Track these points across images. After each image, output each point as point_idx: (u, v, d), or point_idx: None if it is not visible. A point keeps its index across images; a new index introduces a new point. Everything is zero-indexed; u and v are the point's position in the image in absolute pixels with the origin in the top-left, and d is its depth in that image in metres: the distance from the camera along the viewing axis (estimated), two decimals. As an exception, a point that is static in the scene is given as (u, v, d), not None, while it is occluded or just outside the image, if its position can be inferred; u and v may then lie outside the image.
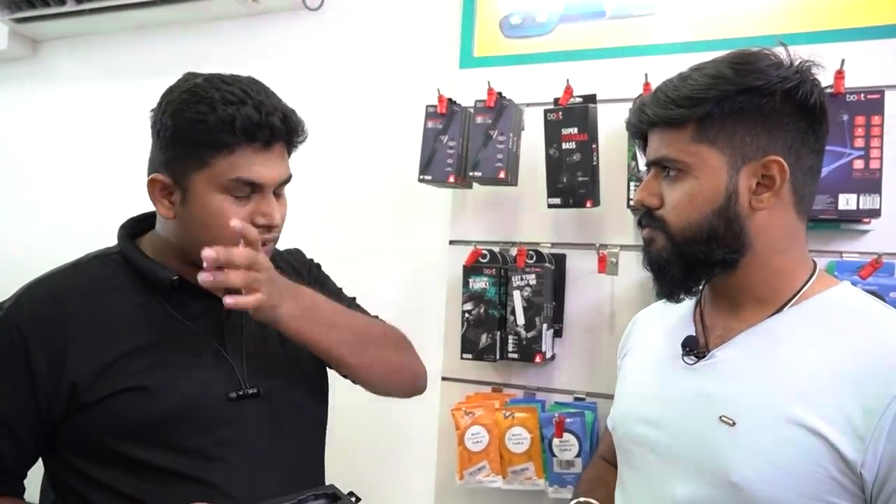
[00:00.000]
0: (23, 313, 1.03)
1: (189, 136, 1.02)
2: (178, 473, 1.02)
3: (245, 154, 1.02)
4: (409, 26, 2.11)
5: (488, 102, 1.74)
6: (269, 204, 1.06)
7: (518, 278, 1.74)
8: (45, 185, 2.66)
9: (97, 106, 2.57)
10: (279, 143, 1.06)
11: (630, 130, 1.02)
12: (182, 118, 1.02)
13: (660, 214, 0.96)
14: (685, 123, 0.92)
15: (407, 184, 1.89)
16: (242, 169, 1.02)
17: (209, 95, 1.02)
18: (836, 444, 0.82)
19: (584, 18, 1.82)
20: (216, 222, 1.03)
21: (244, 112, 1.01)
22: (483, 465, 1.71)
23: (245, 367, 1.10)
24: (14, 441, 1.02)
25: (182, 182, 1.04)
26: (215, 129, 1.00)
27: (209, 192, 1.03)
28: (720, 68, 0.91)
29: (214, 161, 1.02)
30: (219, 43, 2.34)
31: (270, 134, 1.03)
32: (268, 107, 1.03)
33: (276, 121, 1.03)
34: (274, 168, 1.06)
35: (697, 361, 0.97)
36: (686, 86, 0.92)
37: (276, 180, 1.06)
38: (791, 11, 1.63)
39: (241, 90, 1.03)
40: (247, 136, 1.01)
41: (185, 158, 1.03)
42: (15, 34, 2.62)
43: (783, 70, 0.90)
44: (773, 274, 0.94)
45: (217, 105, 1.01)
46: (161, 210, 1.08)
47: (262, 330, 1.16)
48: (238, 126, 1.00)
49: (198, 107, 1.01)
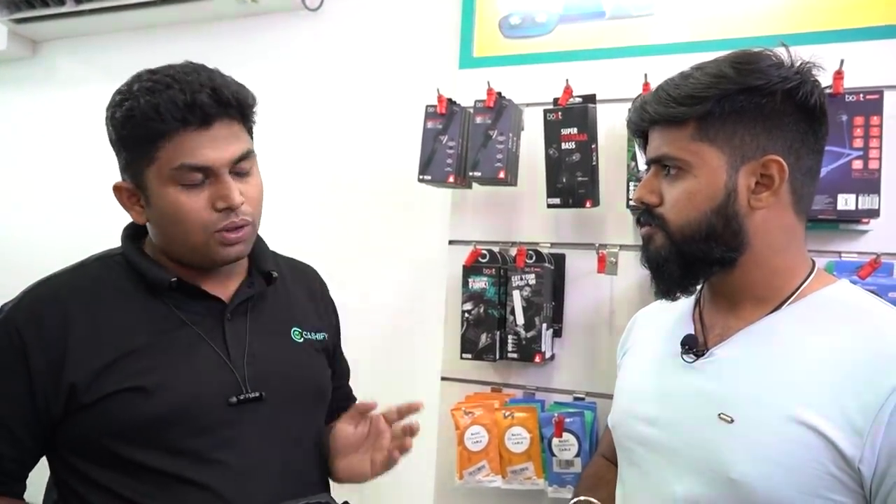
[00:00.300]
0: (22, 315, 1.03)
1: (127, 136, 1.02)
2: (175, 476, 1.02)
3: (183, 139, 0.99)
4: (409, 26, 2.11)
5: (488, 102, 1.74)
6: (225, 186, 1.02)
7: (518, 278, 1.74)
8: (45, 185, 2.66)
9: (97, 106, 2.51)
10: (220, 120, 1.02)
11: (631, 128, 1.03)
12: (116, 121, 1.02)
13: (659, 212, 0.97)
14: (686, 122, 0.92)
15: (407, 184, 1.90)
16: (184, 154, 1.00)
17: (133, 91, 1.01)
18: (834, 440, 0.82)
19: (583, 19, 1.83)
20: (179, 217, 1.02)
21: (167, 96, 0.98)
22: (483, 465, 1.71)
23: (247, 370, 1.10)
24: (13, 442, 1.02)
25: (140, 183, 1.04)
26: (144, 121, 0.99)
27: (163, 187, 1.02)
28: (721, 67, 0.92)
29: (156, 153, 1.00)
30: (218, 43, 2.34)
31: (203, 112, 0.99)
32: (194, 85, 0.99)
33: (204, 97, 0.99)
34: (219, 147, 1.01)
35: (696, 360, 0.97)
36: (687, 84, 0.93)
37: (225, 160, 1.02)
38: (790, 12, 1.63)
39: (165, 76, 1.01)
40: (177, 120, 0.98)
41: (134, 158, 1.03)
42: (14, 34, 2.62)
43: (784, 70, 0.91)
44: (771, 272, 0.95)
45: (140, 97, 0.99)
46: (134, 216, 1.09)
47: (266, 332, 1.15)
48: (163, 112, 0.98)
49: (126, 104, 1.00)
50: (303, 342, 1.20)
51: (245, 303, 1.15)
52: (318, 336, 1.23)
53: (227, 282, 1.15)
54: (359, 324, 1.99)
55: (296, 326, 1.21)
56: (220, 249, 1.06)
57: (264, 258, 1.20)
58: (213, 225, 1.03)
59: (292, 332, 1.20)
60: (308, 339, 1.21)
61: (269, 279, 1.18)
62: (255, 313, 1.16)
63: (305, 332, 1.21)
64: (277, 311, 1.20)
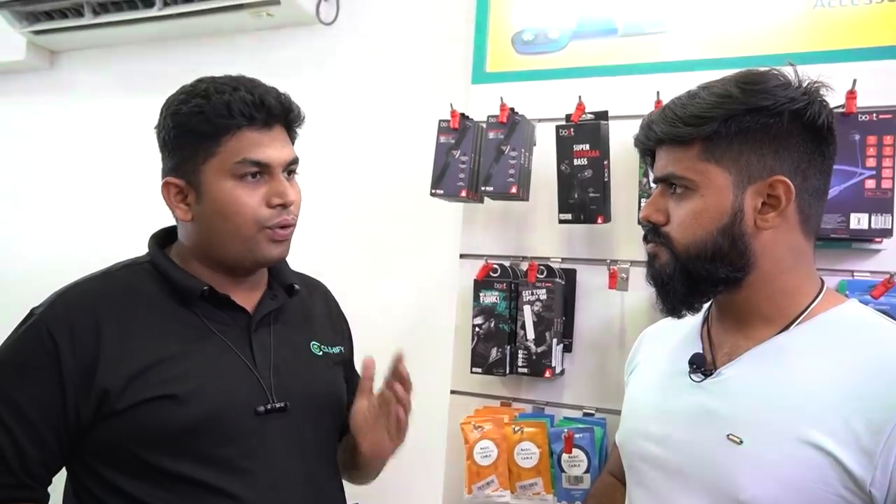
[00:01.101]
0: (55, 318, 1.04)
1: (191, 130, 1.06)
2: (203, 484, 1.03)
3: (247, 136, 1.06)
4: (422, 41, 2.12)
5: (501, 118, 1.75)
6: (280, 183, 1.09)
7: (528, 293, 1.74)
8: (62, 195, 2.68)
9: (114, 117, 2.59)
10: (278, 124, 1.10)
11: (638, 147, 1.03)
12: (182, 115, 1.07)
13: (665, 231, 0.97)
14: (692, 141, 0.93)
15: (419, 198, 1.90)
16: (247, 150, 1.06)
17: (203, 89, 1.07)
18: (845, 462, 0.82)
19: (596, 35, 1.83)
20: (233, 209, 1.07)
21: (238, 96, 1.05)
22: (491, 480, 1.71)
23: (272, 380, 1.11)
24: (41, 445, 1.02)
25: (194, 180, 1.07)
26: (214, 116, 1.04)
27: (221, 181, 1.06)
28: (728, 87, 0.92)
29: (219, 148, 1.06)
30: (233, 56, 2.36)
31: (268, 114, 1.07)
32: (261, 89, 1.09)
33: (271, 100, 1.08)
34: (278, 148, 1.09)
35: (704, 379, 0.97)
36: (694, 104, 0.93)
37: (282, 160, 1.09)
38: (803, 30, 1.63)
39: (231, 79, 1.09)
40: (245, 118, 1.05)
41: (192, 154, 1.07)
42: (33, 45, 2.65)
43: (791, 90, 0.91)
44: (779, 292, 0.95)
45: (211, 95, 1.05)
46: (179, 214, 1.11)
47: (288, 344, 1.17)
48: (235, 109, 1.04)
49: (194, 101, 1.06)
50: (322, 355, 1.22)
51: (268, 315, 1.16)
52: (335, 349, 1.26)
53: (251, 293, 1.17)
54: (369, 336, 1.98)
55: (315, 340, 1.23)
56: (267, 247, 1.10)
57: (285, 271, 1.22)
58: (265, 220, 1.08)
59: (311, 345, 1.22)
60: (326, 353, 1.24)
61: (291, 291, 1.19)
62: (277, 325, 1.18)
63: (324, 346, 1.24)
64: (298, 323, 1.22)
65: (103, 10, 2.38)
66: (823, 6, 1.62)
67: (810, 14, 1.63)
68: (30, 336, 1.04)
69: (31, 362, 1.02)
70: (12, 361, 1.04)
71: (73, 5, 2.39)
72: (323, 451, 1.18)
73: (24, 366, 1.03)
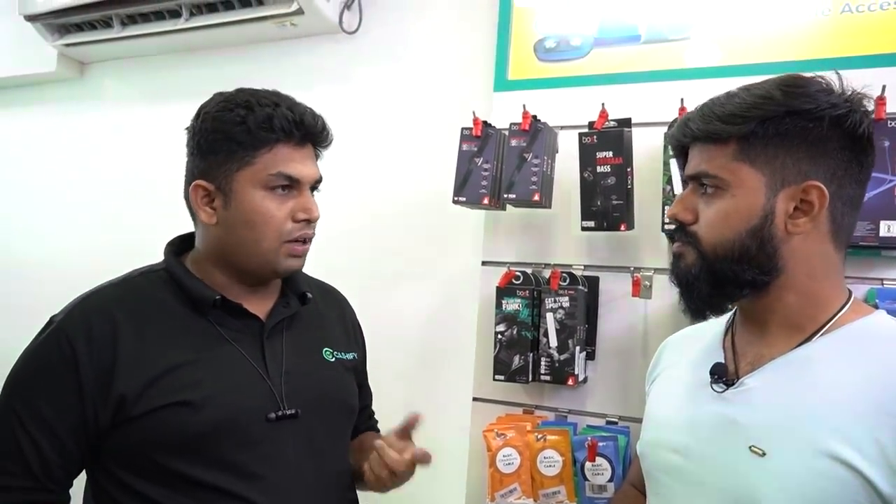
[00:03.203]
0: (73, 326, 1.07)
1: (231, 138, 1.09)
2: (218, 489, 1.04)
3: (283, 151, 1.10)
4: (445, 50, 2.14)
5: (523, 125, 1.75)
6: (308, 199, 1.14)
7: (551, 300, 1.73)
8: (92, 201, 2.73)
9: (141, 125, 2.63)
10: (310, 143, 1.15)
11: (672, 144, 1.03)
12: (223, 122, 1.09)
13: (692, 230, 0.96)
14: (728, 140, 0.92)
15: (441, 205, 1.91)
16: (282, 164, 1.10)
17: (246, 100, 1.10)
18: (871, 478, 0.80)
19: (618, 43, 1.83)
20: (260, 218, 1.10)
21: (280, 112, 1.09)
22: (514, 488, 1.70)
23: (284, 387, 1.12)
24: (61, 450, 1.05)
25: (224, 185, 1.10)
26: (255, 128, 1.08)
27: (252, 190, 1.09)
28: (769, 89, 0.91)
29: (255, 159, 1.09)
30: (258, 65, 2.39)
31: (305, 132, 1.12)
32: (300, 108, 1.13)
33: (309, 119, 1.12)
34: (309, 166, 1.14)
35: (726, 389, 0.96)
36: (733, 103, 0.93)
37: (312, 177, 1.14)
38: (829, 36, 1.62)
39: (272, 94, 1.13)
40: (284, 133, 1.09)
41: (227, 160, 1.09)
42: (63, 57, 2.70)
43: (833, 97, 0.90)
44: (805, 299, 0.93)
45: (254, 107, 1.09)
46: (203, 217, 1.13)
47: (300, 351, 1.18)
48: (276, 124, 1.08)
49: (237, 110, 1.09)
50: (334, 361, 1.24)
51: (281, 322, 1.18)
52: (347, 356, 1.27)
53: (264, 301, 1.18)
54: (392, 343, 2.01)
55: (327, 346, 1.24)
56: (285, 260, 1.13)
57: (298, 279, 1.24)
58: (288, 234, 1.12)
59: (324, 351, 1.23)
60: (339, 359, 1.25)
61: (304, 300, 1.21)
62: (290, 332, 1.19)
63: (336, 353, 1.25)
64: (310, 330, 1.24)
65: (132, 22, 2.43)
66: (850, 11, 1.60)
67: (836, 19, 1.61)
68: (49, 344, 1.07)
69: (51, 369, 1.05)
70: (33, 369, 1.07)
71: (103, 17, 2.43)
72: (335, 457, 1.19)
73: (44, 373, 1.05)
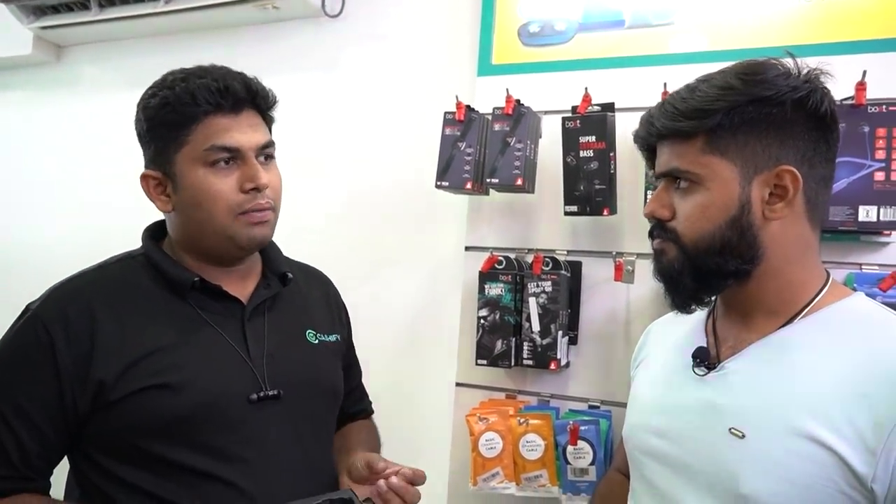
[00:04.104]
0: (49, 312, 1.05)
1: (161, 122, 1.08)
2: (201, 472, 1.04)
3: (214, 122, 1.07)
4: (428, 34, 2.12)
5: (506, 110, 1.74)
6: (252, 167, 1.09)
7: (534, 285, 1.74)
8: (69, 187, 2.70)
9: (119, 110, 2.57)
10: (247, 109, 1.11)
11: (638, 143, 1.03)
12: (150, 108, 1.09)
13: (671, 226, 0.96)
14: (695, 135, 0.92)
15: (424, 190, 1.90)
16: (215, 136, 1.07)
17: (169, 81, 1.09)
18: (846, 458, 0.81)
19: (602, 27, 1.82)
20: (206, 196, 1.07)
21: (202, 83, 1.07)
22: (497, 472, 1.71)
23: (266, 368, 1.12)
24: (40, 438, 1.04)
25: (169, 170, 1.09)
26: (179, 106, 1.06)
27: (193, 169, 1.08)
28: (728, 79, 0.91)
29: (189, 137, 1.07)
30: (239, 49, 2.36)
31: (234, 98, 1.08)
32: (227, 76, 1.09)
33: (236, 85, 1.08)
34: (248, 132, 1.09)
35: (708, 373, 0.97)
36: (695, 98, 0.92)
37: (253, 144, 1.09)
38: (812, 22, 1.62)
39: (199, 69, 1.10)
40: (211, 104, 1.06)
41: (165, 145, 1.08)
42: (39, 40, 2.65)
43: (792, 80, 0.90)
44: (785, 284, 0.94)
45: (177, 85, 1.07)
46: (159, 205, 1.13)
47: (283, 332, 1.17)
48: (199, 97, 1.06)
49: (161, 93, 1.08)
50: (318, 343, 1.23)
51: (262, 303, 1.17)
52: (331, 338, 1.26)
53: (244, 283, 1.18)
54: (374, 329, 2.00)
55: (310, 328, 1.23)
56: (246, 230, 1.10)
57: (278, 261, 1.23)
58: (238, 206, 1.08)
59: (307, 333, 1.23)
60: (322, 341, 1.24)
61: (284, 280, 1.20)
62: (272, 314, 1.18)
63: (319, 334, 1.24)
64: (293, 312, 1.23)
65: (109, 4, 2.39)
66: (832, -3, 1.61)
67: (819, 6, 1.62)
68: (25, 331, 1.05)
69: (28, 357, 1.04)
70: (9, 357, 1.06)
71: (80, 0, 2.39)
72: (318, 439, 1.19)
73: (21, 361, 1.04)
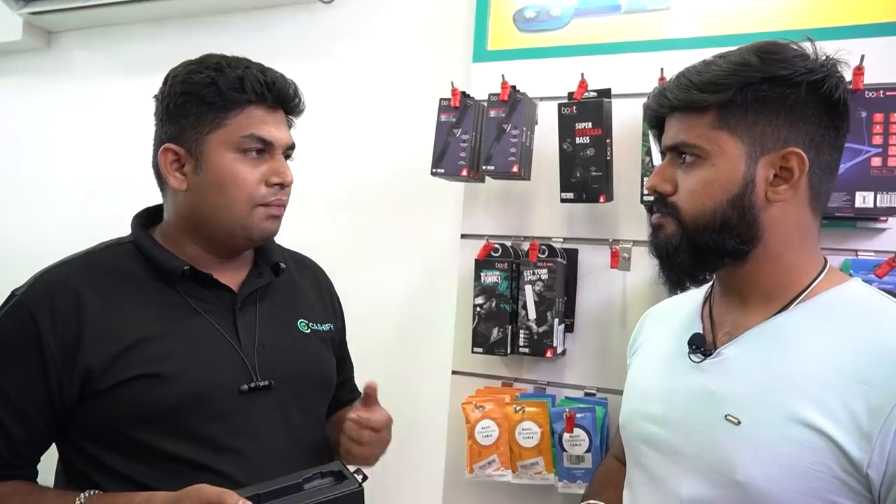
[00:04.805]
0: (35, 299, 1.04)
1: (201, 99, 1.07)
2: (190, 462, 1.03)
3: (255, 113, 1.09)
4: (423, 19, 2.10)
5: (502, 96, 1.73)
6: (281, 163, 1.12)
7: (530, 273, 1.73)
8: (59, 177, 2.67)
9: (111, 97, 2.58)
10: (282, 108, 1.14)
11: (648, 115, 1.01)
12: (192, 84, 1.07)
13: (672, 201, 0.95)
14: (706, 109, 0.91)
15: (419, 177, 1.89)
16: (254, 126, 1.08)
17: (215, 62, 1.09)
18: (842, 444, 0.81)
19: (599, 13, 1.81)
20: (232, 182, 1.08)
21: (251, 74, 1.08)
22: (493, 459, 1.71)
23: (257, 358, 1.11)
24: (26, 426, 1.03)
25: (195, 148, 1.08)
26: (227, 89, 1.06)
27: (224, 153, 1.08)
28: (745, 56, 0.91)
29: (227, 121, 1.07)
30: (231, 35, 2.34)
31: (277, 96, 1.10)
32: (272, 72, 1.12)
33: (281, 83, 1.11)
34: (282, 130, 1.13)
35: (704, 359, 0.96)
36: (710, 71, 0.92)
37: (284, 141, 1.12)
38: (809, 6, 1.61)
39: (242, 59, 1.12)
40: (256, 95, 1.08)
41: (198, 123, 1.08)
42: (29, 25, 2.63)
43: (809, 62, 0.90)
44: (783, 269, 0.94)
45: (225, 69, 1.07)
46: (173, 182, 1.10)
47: (274, 322, 1.17)
48: (248, 85, 1.07)
49: (207, 72, 1.07)
50: (310, 332, 1.23)
51: (254, 293, 1.16)
52: (323, 327, 1.26)
53: (236, 272, 1.17)
54: (370, 317, 2.00)
55: (302, 317, 1.23)
56: (260, 224, 1.11)
57: (271, 250, 1.22)
58: (260, 198, 1.10)
59: (299, 322, 1.22)
60: (315, 330, 1.24)
61: (277, 270, 1.19)
62: (263, 303, 1.18)
63: (312, 324, 1.24)
64: (285, 301, 1.22)
65: (101, -12, 2.37)
66: (830, -19, 1.59)
67: (816, -11, 1.60)
68: (10, 317, 1.04)
69: (13, 344, 1.03)
70: None
71: (71, -16, 2.37)
72: (310, 429, 1.19)
73: (6, 347, 1.03)
